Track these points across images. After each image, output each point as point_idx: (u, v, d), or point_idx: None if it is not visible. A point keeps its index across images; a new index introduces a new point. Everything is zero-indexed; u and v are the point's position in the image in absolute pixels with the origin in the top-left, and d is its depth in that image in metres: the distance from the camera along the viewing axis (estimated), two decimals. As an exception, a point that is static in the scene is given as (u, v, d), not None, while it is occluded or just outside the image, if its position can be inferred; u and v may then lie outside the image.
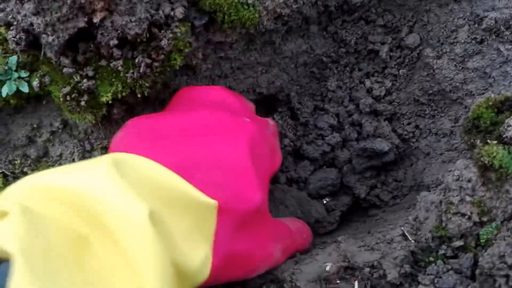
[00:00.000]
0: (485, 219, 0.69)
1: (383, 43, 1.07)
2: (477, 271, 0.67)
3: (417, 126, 1.08)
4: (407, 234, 0.78)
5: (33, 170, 0.89)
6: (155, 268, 0.53)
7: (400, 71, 1.07)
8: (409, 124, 1.09)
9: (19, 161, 0.89)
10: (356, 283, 0.74)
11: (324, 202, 1.14)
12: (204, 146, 0.71)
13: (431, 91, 1.02)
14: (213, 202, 0.62)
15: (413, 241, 0.77)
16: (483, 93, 0.94)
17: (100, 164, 0.58)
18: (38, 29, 0.71)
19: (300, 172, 1.12)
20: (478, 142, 0.72)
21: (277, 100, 1.11)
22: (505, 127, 0.69)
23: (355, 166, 1.11)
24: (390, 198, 1.12)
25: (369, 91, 1.11)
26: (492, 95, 0.76)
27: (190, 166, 0.66)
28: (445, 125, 1.03)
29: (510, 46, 0.90)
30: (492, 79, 0.92)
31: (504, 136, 0.69)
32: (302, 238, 0.90)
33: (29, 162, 0.90)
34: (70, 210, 0.54)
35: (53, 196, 0.54)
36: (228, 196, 0.66)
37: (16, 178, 0.90)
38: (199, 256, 0.61)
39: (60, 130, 0.86)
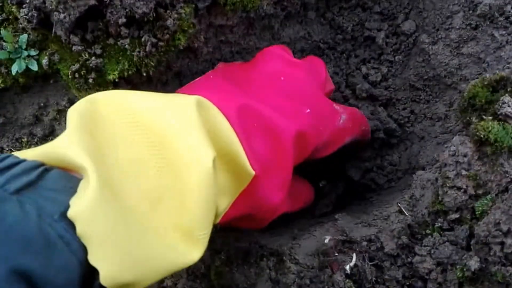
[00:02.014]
0: (480, 192, 0.72)
1: (379, 30, 1.09)
2: (473, 240, 0.69)
3: (412, 111, 1.10)
4: (403, 209, 0.81)
5: (39, 148, 0.90)
6: (205, 204, 0.58)
7: (396, 57, 1.09)
8: (404, 109, 1.11)
9: (25, 140, 0.90)
10: (354, 256, 0.76)
11: (320, 185, 1.17)
12: (266, 112, 0.75)
13: (426, 77, 1.04)
14: (252, 173, 0.68)
15: (409, 216, 0.79)
16: (477, 78, 0.96)
17: (186, 106, 0.63)
18: (50, 7, 0.73)
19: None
20: (473, 119, 0.74)
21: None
22: (500, 104, 0.71)
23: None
24: (385, 181, 1.14)
25: (365, 77, 1.12)
26: (488, 75, 0.78)
27: (251, 119, 0.72)
28: (439, 110, 1.05)
29: (504, 32, 0.92)
30: (486, 64, 0.94)
31: (499, 113, 0.71)
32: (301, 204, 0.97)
33: (35, 140, 0.91)
34: (144, 134, 0.59)
35: (134, 119, 0.59)
36: (263, 175, 0.71)
37: (22, 156, 0.91)
38: (225, 204, 0.67)
39: (66, 109, 0.87)
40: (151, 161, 0.58)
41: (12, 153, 0.54)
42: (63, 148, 0.53)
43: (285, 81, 0.84)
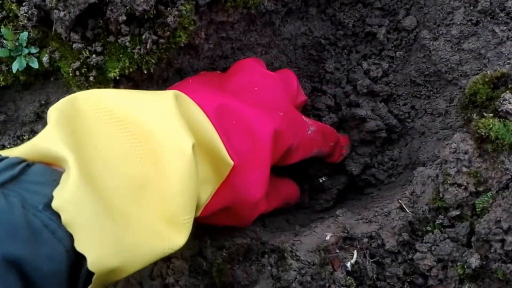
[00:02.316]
0: (481, 189, 0.72)
1: (380, 26, 1.09)
2: (474, 238, 0.69)
3: (413, 107, 1.10)
4: (404, 206, 0.81)
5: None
6: (187, 189, 0.61)
7: (397, 53, 1.09)
8: (405, 104, 1.11)
9: (27, 137, 0.90)
10: (355, 252, 0.77)
11: (321, 181, 1.17)
12: (244, 109, 0.78)
13: (427, 72, 1.04)
14: (231, 163, 0.70)
15: (410, 212, 0.79)
16: (477, 74, 0.96)
17: (164, 98, 0.66)
18: (50, 5, 0.73)
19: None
20: (474, 116, 0.74)
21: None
22: (501, 101, 0.71)
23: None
24: (386, 176, 1.15)
25: (366, 72, 1.12)
26: (489, 72, 0.78)
27: (229, 116, 0.75)
28: (440, 105, 1.05)
29: (505, 28, 0.92)
30: (487, 60, 0.94)
31: (499, 110, 0.71)
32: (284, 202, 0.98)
33: (36, 137, 0.91)
34: (123, 127, 0.61)
35: (113, 114, 0.61)
36: (241, 168, 0.73)
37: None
38: (206, 195, 0.70)
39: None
40: (133, 151, 0.60)
41: None
42: (44, 142, 0.55)
43: (259, 91, 0.88)
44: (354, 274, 0.75)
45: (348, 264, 0.75)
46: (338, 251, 0.78)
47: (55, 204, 0.50)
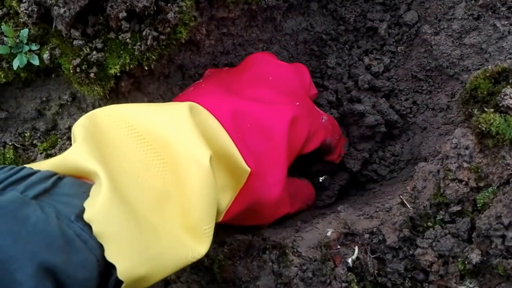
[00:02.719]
0: (481, 184, 0.72)
1: (381, 21, 1.08)
2: (474, 233, 0.69)
3: (414, 102, 1.10)
4: (405, 202, 0.81)
5: (42, 143, 0.90)
6: (206, 200, 0.63)
7: (398, 48, 1.09)
8: (406, 100, 1.11)
9: (28, 134, 0.90)
10: (356, 248, 0.77)
11: (321, 180, 1.17)
12: (257, 108, 0.80)
13: (428, 67, 1.04)
14: (248, 169, 0.72)
15: (411, 208, 0.79)
16: (479, 69, 0.95)
17: (180, 111, 0.68)
18: (50, 1, 0.73)
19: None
20: (475, 111, 0.74)
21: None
22: (502, 96, 0.71)
23: (349, 137, 1.14)
24: (387, 172, 1.15)
25: (367, 68, 1.12)
26: (490, 67, 0.78)
27: (243, 119, 0.77)
28: (442, 100, 1.05)
29: (506, 22, 0.92)
30: (488, 55, 0.94)
31: (500, 104, 0.71)
32: (303, 202, 1.00)
33: (38, 134, 0.91)
34: (144, 141, 0.63)
35: (133, 128, 0.63)
36: (258, 170, 0.75)
37: (25, 150, 0.91)
38: (226, 202, 0.72)
39: (68, 103, 0.88)
40: (153, 164, 0.62)
41: (25, 165, 0.57)
42: (74, 156, 0.58)
43: (274, 79, 0.89)
44: (355, 270, 0.75)
45: (349, 260, 0.75)
46: (339, 247, 0.78)
47: (86, 216, 0.52)
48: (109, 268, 0.52)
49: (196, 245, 0.61)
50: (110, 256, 0.51)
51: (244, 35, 1.01)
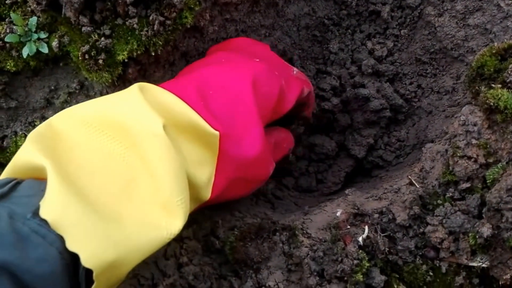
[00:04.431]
0: (491, 160, 0.72)
1: (384, 4, 1.08)
2: (485, 208, 0.69)
3: (419, 86, 1.10)
4: (414, 182, 0.81)
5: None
6: (170, 169, 0.61)
7: (402, 31, 1.09)
8: (411, 83, 1.11)
9: (38, 123, 0.90)
10: (366, 228, 0.77)
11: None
12: (216, 72, 0.78)
13: (432, 50, 1.04)
14: (215, 132, 0.69)
15: (420, 187, 0.79)
16: (484, 49, 0.96)
17: (128, 91, 0.67)
18: (58, -12, 0.74)
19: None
20: (482, 88, 0.74)
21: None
22: (509, 72, 0.71)
23: (353, 123, 1.14)
24: (393, 157, 1.15)
25: (371, 52, 1.12)
26: (495, 44, 0.78)
27: (206, 88, 0.75)
28: (447, 83, 1.05)
29: (510, 1, 0.92)
30: (493, 35, 0.94)
31: (508, 80, 0.71)
32: (283, 149, 0.95)
33: (48, 123, 0.91)
34: (100, 131, 0.62)
35: (87, 122, 0.63)
36: (231, 133, 0.73)
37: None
38: (205, 175, 0.70)
39: (77, 92, 0.88)
40: (115, 152, 0.61)
41: None
42: (21, 156, 0.59)
43: (231, 45, 0.92)
44: (366, 248, 0.75)
45: (360, 239, 0.75)
46: (349, 227, 0.78)
47: (41, 211, 0.52)
48: (76, 261, 0.52)
49: (171, 221, 0.60)
50: (71, 245, 0.51)
51: (247, 21, 1.01)
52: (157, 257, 0.80)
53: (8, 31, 0.79)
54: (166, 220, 0.60)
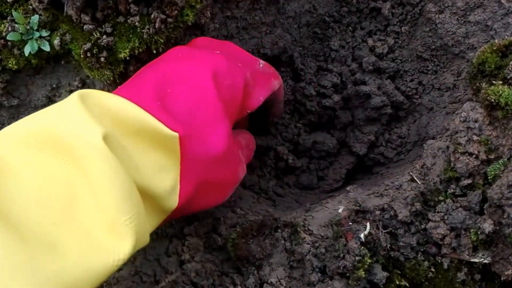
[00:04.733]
0: (492, 156, 0.72)
1: (385, 1, 1.08)
2: (486, 204, 0.70)
3: (420, 82, 1.10)
4: (415, 178, 0.81)
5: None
6: (113, 185, 0.54)
7: (403, 28, 1.09)
8: (412, 80, 1.11)
9: (39, 121, 0.91)
10: (368, 224, 0.77)
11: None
12: (173, 67, 0.73)
13: (433, 47, 1.04)
14: (174, 134, 0.64)
15: (421, 184, 0.79)
16: (485, 46, 0.96)
17: (66, 101, 0.61)
18: (59, -14, 0.74)
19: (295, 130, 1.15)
20: (483, 84, 0.74)
21: (281, 62, 1.12)
22: (510, 69, 0.71)
23: (354, 120, 1.14)
24: (394, 154, 1.15)
25: (371, 49, 1.12)
26: (496, 40, 0.78)
27: (163, 85, 0.69)
28: (448, 80, 1.05)
29: (511, -2, 0.92)
30: (494, 32, 0.94)
31: (508, 77, 0.71)
32: (250, 150, 0.90)
33: (49, 121, 0.92)
34: (39, 151, 0.56)
35: (29, 144, 0.57)
36: (194, 132, 0.67)
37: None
38: (165, 183, 0.64)
39: (78, 89, 0.89)
40: (56, 172, 0.55)
41: None
42: None
43: (191, 44, 0.85)
44: (368, 245, 0.76)
45: (362, 235, 0.75)
46: (350, 224, 0.78)
47: None
48: None
49: (119, 244, 0.54)
50: None
51: (248, 18, 1.01)
52: (159, 254, 0.81)
53: (10, 29, 0.79)
54: (113, 242, 0.54)
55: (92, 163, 0.54)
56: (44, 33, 0.80)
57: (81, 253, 0.52)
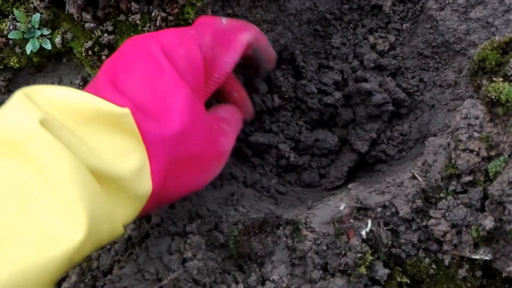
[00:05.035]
0: (493, 153, 0.72)
1: (386, -2, 1.09)
2: (487, 201, 0.70)
3: (421, 80, 1.10)
4: (417, 175, 0.81)
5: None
6: (58, 166, 0.53)
7: (404, 25, 1.09)
8: (413, 77, 1.11)
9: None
10: (369, 221, 0.77)
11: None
12: (122, 52, 0.70)
13: (434, 44, 1.04)
14: (123, 110, 0.61)
15: (423, 181, 0.80)
16: (486, 43, 0.96)
17: (11, 99, 0.58)
18: (60, -15, 0.74)
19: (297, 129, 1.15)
20: (484, 81, 0.74)
21: (282, 59, 1.12)
22: (510, 66, 0.71)
23: (356, 118, 1.14)
24: (396, 152, 1.15)
25: (373, 46, 1.12)
26: (497, 37, 0.78)
27: (115, 71, 0.67)
28: (449, 77, 1.05)
29: (512, -5, 0.92)
30: (495, 28, 0.94)
31: (509, 74, 0.71)
32: (236, 120, 0.87)
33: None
34: None
35: None
36: (150, 106, 0.65)
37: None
38: (132, 164, 0.61)
39: (80, 88, 0.89)
40: (4, 170, 0.53)
41: None
42: None
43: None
44: (369, 242, 0.76)
45: (363, 233, 0.75)
46: (352, 221, 0.78)
47: None
48: None
49: (72, 228, 0.52)
50: None
51: (249, 16, 1.01)
52: (161, 252, 0.81)
53: (11, 27, 0.79)
54: (66, 228, 0.52)
55: (33, 148, 0.52)
56: (46, 32, 0.81)
57: (37, 243, 0.50)
